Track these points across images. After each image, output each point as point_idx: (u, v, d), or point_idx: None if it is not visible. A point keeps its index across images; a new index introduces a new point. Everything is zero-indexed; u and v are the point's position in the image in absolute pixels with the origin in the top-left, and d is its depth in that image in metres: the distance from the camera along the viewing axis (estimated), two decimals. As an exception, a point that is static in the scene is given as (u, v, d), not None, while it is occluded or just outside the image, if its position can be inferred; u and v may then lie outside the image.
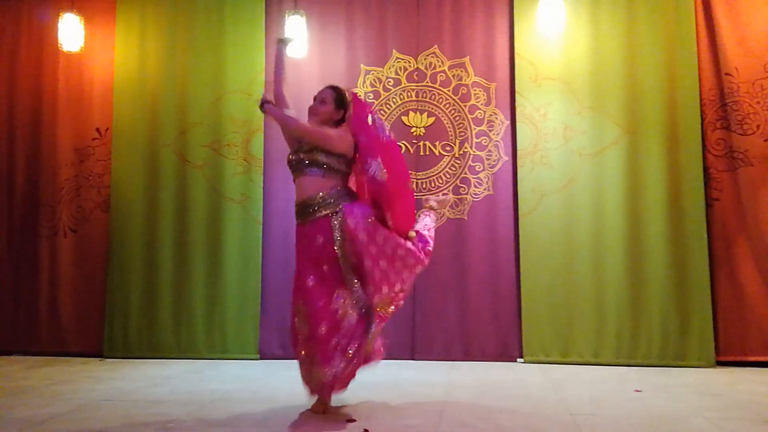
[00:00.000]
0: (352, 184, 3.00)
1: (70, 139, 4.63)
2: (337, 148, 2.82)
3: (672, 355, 3.95)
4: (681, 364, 3.90)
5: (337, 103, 2.94)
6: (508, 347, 4.18)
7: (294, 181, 2.92)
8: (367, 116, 2.85)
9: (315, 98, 2.98)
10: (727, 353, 3.94)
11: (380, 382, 3.43)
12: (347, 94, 2.97)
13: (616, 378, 3.60)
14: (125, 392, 3.27)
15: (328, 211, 2.77)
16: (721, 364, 3.91)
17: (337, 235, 2.76)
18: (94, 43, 4.59)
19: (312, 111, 2.96)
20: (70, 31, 4.34)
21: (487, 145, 4.33)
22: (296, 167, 2.89)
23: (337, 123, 2.95)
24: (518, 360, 4.15)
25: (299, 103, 4.45)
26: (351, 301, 2.73)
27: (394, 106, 4.40)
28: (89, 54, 4.59)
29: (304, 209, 2.82)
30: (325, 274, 2.75)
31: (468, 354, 4.19)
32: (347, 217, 2.76)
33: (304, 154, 2.85)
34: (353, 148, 2.87)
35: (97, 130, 4.62)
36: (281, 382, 3.52)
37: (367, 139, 2.82)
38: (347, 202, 2.81)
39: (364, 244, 2.74)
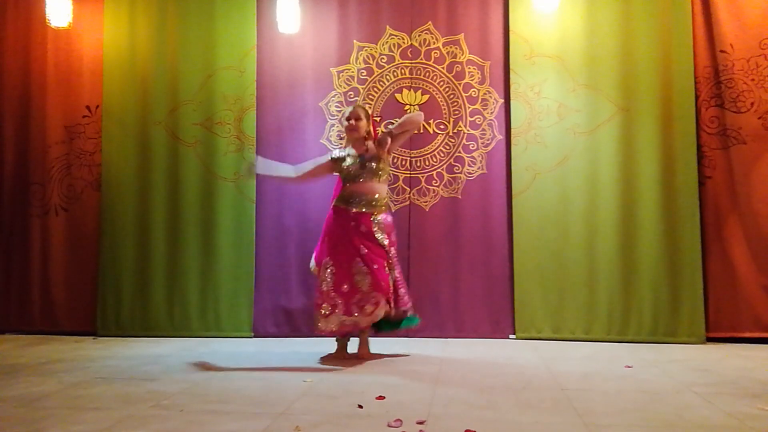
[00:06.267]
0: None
1: (59, 116, 4.58)
2: None
3: (663, 331, 3.98)
4: (672, 341, 3.94)
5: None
6: (500, 324, 4.21)
7: None
8: None
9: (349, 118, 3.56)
10: (718, 330, 3.98)
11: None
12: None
13: (607, 354, 3.63)
14: (119, 370, 3.27)
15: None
16: (711, 340, 3.96)
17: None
18: (83, 19, 4.52)
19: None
20: (58, 6, 4.25)
21: (481, 124, 4.31)
22: None
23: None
24: (510, 337, 4.18)
25: (291, 80, 4.44)
26: None
27: (387, 83, 4.36)
28: (78, 30, 4.52)
29: None
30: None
31: (460, 331, 4.21)
32: None
33: None
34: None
35: (87, 107, 4.57)
36: (275, 359, 3.54)
37: None
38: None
39: None
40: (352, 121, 3.55)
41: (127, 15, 4.52)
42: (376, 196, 3.51)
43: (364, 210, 3.47)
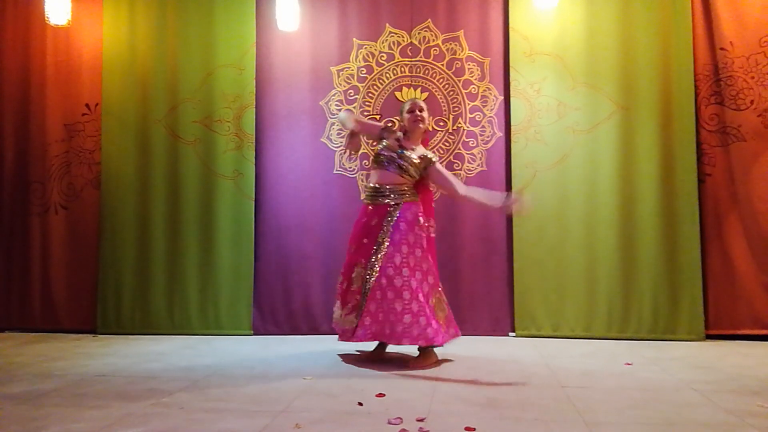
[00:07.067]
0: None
1: (59, 114, 4.57)
2: None
3: (662, 329, 3.99)
4: (671, 338, 3.95)
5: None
6: (500, 322, 4.21)
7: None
8: None
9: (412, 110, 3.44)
10: (717, 327, 3.99)
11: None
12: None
13: (606, 351, 3.64)
14: (119, 368, 3.27)
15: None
16: (710, 337, 3.96)
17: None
18: (82, 17, 4.52)
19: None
20: (58, 4, 4.24)
21: (481, 121, 4.31)
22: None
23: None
24: (510, 334, 4.18)
25: (290, 78, 4.43)
26: None
27: (387, 81, 4.36)
28: (77, 28, 4.51)
29: None
30: None
31: (460, 329, 4.20)
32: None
33: None
34: None
35: (87, 105, 4.56)
36: (275, 357, 3.54)
37: None
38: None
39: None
40: (418, 112, 3.40)
41: (126, 13, 4.51)
42: (403, 188, 3.35)
43: (382, 201, 3.35)
